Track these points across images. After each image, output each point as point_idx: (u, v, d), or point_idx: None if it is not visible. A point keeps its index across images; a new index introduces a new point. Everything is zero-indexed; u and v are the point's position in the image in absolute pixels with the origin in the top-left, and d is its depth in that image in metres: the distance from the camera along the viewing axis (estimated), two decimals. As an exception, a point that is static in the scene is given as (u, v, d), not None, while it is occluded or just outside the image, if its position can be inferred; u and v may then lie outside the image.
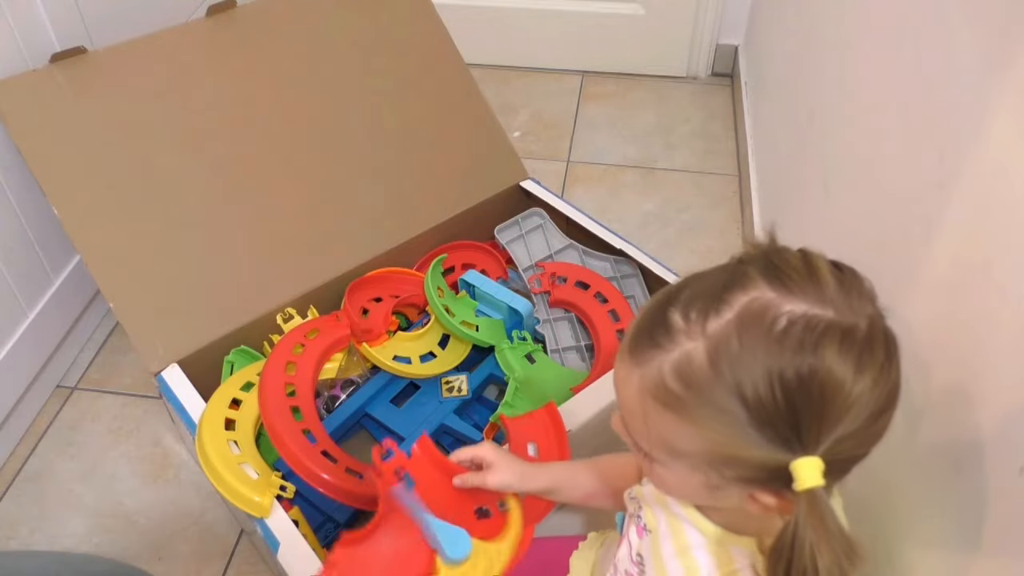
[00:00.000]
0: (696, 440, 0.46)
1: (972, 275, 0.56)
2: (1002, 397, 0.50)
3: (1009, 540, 0.48)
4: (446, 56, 1.27)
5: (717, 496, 0.50)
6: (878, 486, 0.69)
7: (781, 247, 0.49)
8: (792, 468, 0.44)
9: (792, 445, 0.44)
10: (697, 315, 0.46)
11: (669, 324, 0.47)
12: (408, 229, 1.18)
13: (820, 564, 0.43)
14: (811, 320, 0.44)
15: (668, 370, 0.46)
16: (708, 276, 0.49)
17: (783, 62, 1.38)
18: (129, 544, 1.04)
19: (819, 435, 0.43)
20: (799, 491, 0.43)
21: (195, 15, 1.37)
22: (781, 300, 0.45)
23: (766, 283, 0.45)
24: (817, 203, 1.01)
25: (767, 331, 0.44)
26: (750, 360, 0.44)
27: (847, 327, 0.44)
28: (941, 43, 0.66)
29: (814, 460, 0.43)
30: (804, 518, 0.43)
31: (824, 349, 0.43)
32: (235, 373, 1.00)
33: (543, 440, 0.83)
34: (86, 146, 1.00)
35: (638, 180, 1.64)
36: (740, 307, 0.45)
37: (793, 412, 0.43)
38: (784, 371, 0.43)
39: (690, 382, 0.45)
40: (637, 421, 0.50)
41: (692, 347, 0.45)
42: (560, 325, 1.15)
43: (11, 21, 1.02)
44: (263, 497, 0.81)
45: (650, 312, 0.50)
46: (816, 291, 0.45)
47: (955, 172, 0.60)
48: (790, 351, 0.43)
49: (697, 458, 0.48)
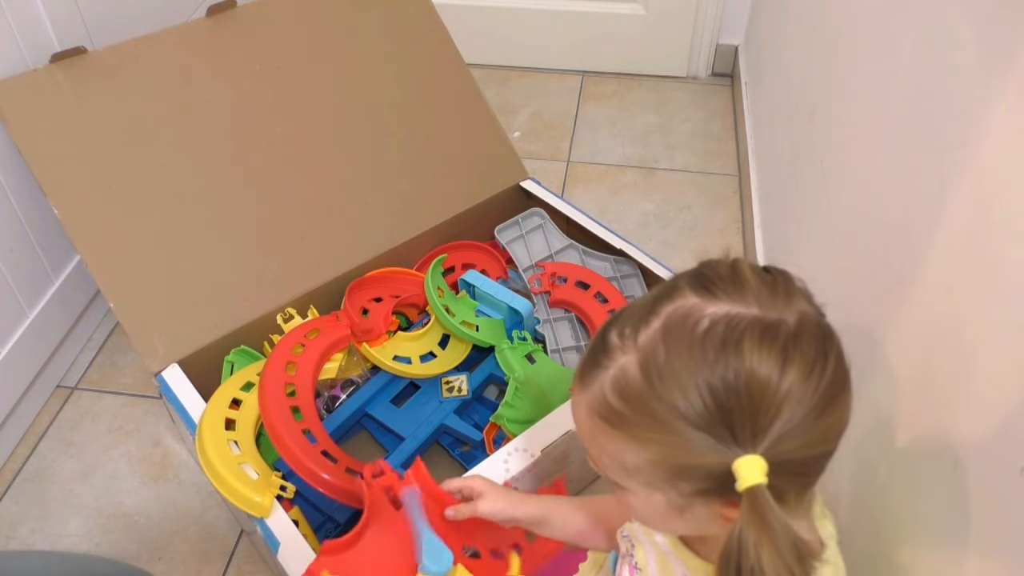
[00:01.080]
0: (643, 453, 0.46)
1: (972, 275, 0.56)
2: (1002, 397, 0.50)
3: (1009, 540, 0.48)
4: (446, 56, 1.27)
5: (688, 518, 0.49)
6: (878, 486, 0.69)
7: (715, 260, 0.49)
8: (733, 468, 0.43)
9: (730, 446, 0.43)
10: (630, 330, 0.47)
11: (608, 343, 0.48)
12: (408, 229, 1.18)
13: (766, 565, 0.42)
14: (732, 319, 0.44)
15: (608, 387, 0.47)
16: (645, 295, 0.50)
17: (783, 62, 1.38)
18: (129, 544, 1.04)
19: (754, 433, 0.43)
20: (741, 491, 0.43)
21: (195, 15, 1.37)
22: (704, 304, 0.45)
23: (691, 291, 0.46)
24: (817, 203, 1.01)
25: (689, 334, 0.44)
26: (677, 365, 0.44)
27: (770, 323, 0.44)
28: (941, 43, 0.66)
29: (754, 458, 0.43)
30: (746, 517, 0.43)
31: (744, 345, 0.43)
32: (235, 373, 1.00)
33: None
34: (86, 146, 1.00)
35: (638, 180, 1.64)
36: (665, 315, 0.46)
37: (725, 412, 0.43)
38: (709, 373, 0.43)
39: (627, 395, 0.46)
40: (592, 446, 0.50)
41: (625, 361, 0.46)
42: (560, 325, 1.15)
43: (11, 21, 1.01)
44: (263, 497, 0.81)
45: (595, 338, 0.50)
46: (739, 293, 0.45)
47: (955, 172, 0.60)
48: (713, 351, 0.44)
49: (649, 474, 0.47)
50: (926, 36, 0.70)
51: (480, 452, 1.02)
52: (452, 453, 1.08)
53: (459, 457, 1.07)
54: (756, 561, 0.42)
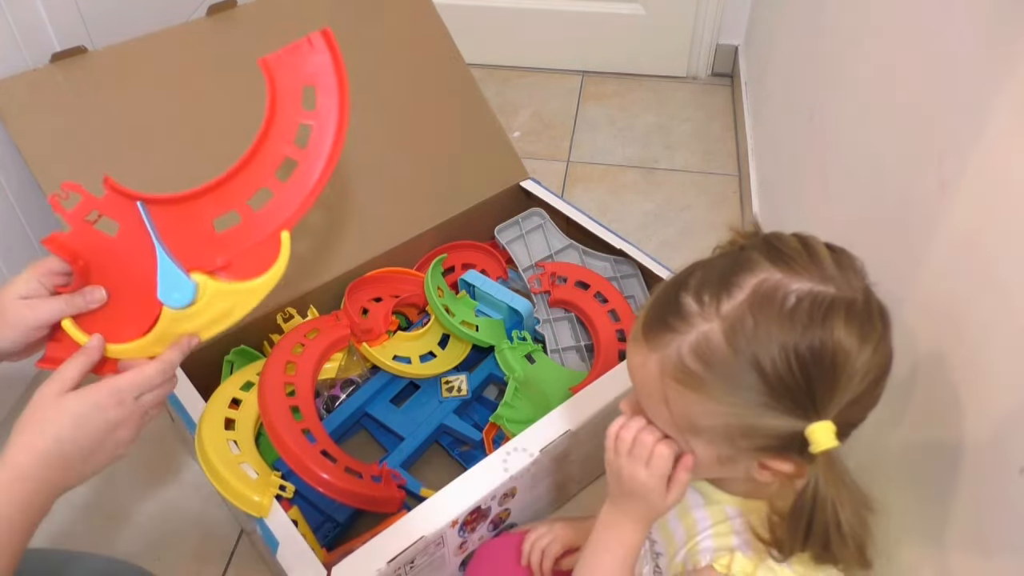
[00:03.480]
0: (717, 415, 0.50)
1: (972, 275, 0.56)
2: (1002, 397, 0.50)
3: (1009, 540, 0.48)
4: (446, 56, 1.27)
5: (726, 468, 0.53)
6: (878, 486, 0.69)
7: (776, 232, 0.52)
8: (808, 433, 0.47)
9: (808, 412, 0.47)
10: (710, 298, 0.49)
11: (683, 308, 0.50)
12: (408, 229, 1.18)
13: (842, 517, 0.47)
14: (817, 297, 0.48)
15: (687, 351, 0.49)
16: (713, 262, 0.52)
17: (783, 62, 1.38)
18: (129, 544, 1.04)
19: (831, 401, 0.47)
20: (817, 453, 0.47)
21: (195, 15, 1.37)
22: (788, 280, 0.48)
23: (771, 265, 0.49)
24: (817, 203, 1.01)
25: (779, 309, 0.47)
26: (765, 336, 0.47)
27: (849, 301, 0.48)
28: (942, 43, 0.66)
29: (828, 424, 0.47)
30: (824, 477, 0.47)
31: (832, 322, 0.47)
32: (235, 373, 1.00)
33: (321, 79, 0.66)
34: (86, 146, 1.00)
35: (638, 180, 1.64)
36: (751, 288, 0.49)
37: (808, 381, 0.47)
38: (798, 345, 0.47)
39: (709, 361, 0.48)
40: (657, 404, 0.52)
41: (708, 328, 0.49)
42: (560, 325, 1.15)
43: (11, 21, 1.01)
44: (262, 497, 0.81)
45: (660, 299, 0.53)
46: (818, 270, 0.49)
47: (955, 172, 0.60)
48: (801, 326, 0.47)
49: (716, 432, 0.51)
50: (926, 35, 0.70)
51: (480, 452, 1.02)
52: (452, 453, 1.08)
53: (459, 457, 1.07)
54: (832, 515, 0.47)
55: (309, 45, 0.64)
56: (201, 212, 0.64)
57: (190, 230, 0.62)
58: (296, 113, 0.63)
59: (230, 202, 0.64)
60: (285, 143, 0.64)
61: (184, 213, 0.64)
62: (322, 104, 0.63)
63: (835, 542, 0.47)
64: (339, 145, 0.63)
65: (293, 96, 0.63)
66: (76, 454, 0.56)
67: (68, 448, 0.55)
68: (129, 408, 0.58)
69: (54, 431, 0.55)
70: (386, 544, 0.78)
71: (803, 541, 0.49)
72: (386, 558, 0.76)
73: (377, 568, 0.76)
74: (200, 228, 0.63)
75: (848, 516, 0.47)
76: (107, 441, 0.58)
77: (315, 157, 0.63)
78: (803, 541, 0.49)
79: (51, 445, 0.55)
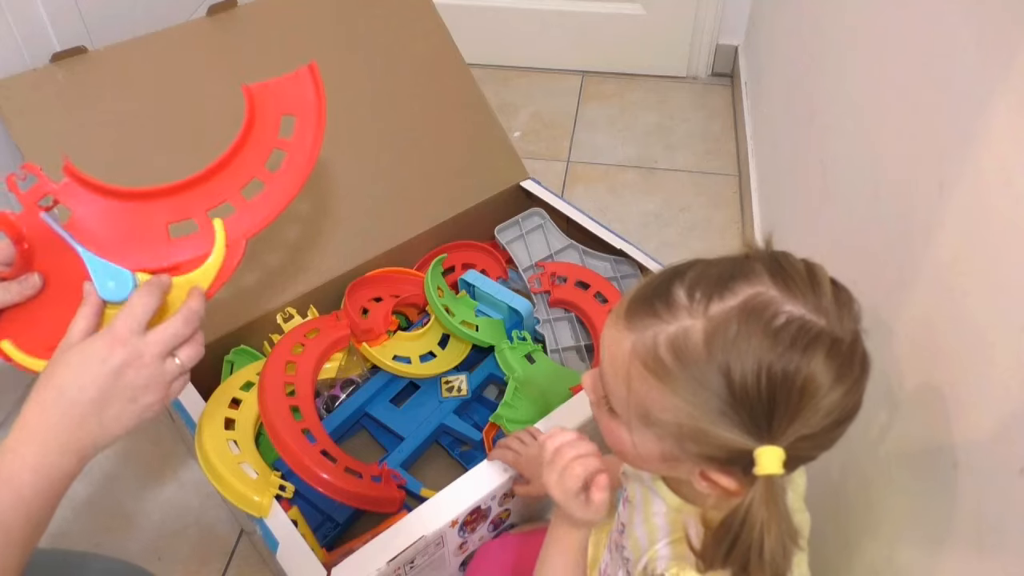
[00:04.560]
0: (673, 411, 0.49)
1: (972, 275, 0.56)
2: (1002, 397, 0.50)
3: (1009, 540, 0.48)
4: (446, 56, 1.27)
5: (667, 466, 0.53)
6: (878, 486, 0.69)
7: (786, 252, 0.51)
8: (756, 454, 0.47)
9: (761, 433, 0.47)
10: (702, 296, 0.49)
11: (672, 298, 0.50)
12: (408, 229, 1.18)
13: (766, 543, 0.46)
14: (806, 324, 0.47)
15: (663, 340, 0.49)
16: (715, 262, 0.52)
17: (783, 62, 1.38)
18: (129, 544, 1.04)
19: (787, 429, 0.47)
20: (759, 475, 0.47)
21: (195, 15, 1.37)
22: (783, 299, 0.48)
23: (771, 280, 0.48)
24: (817, 203, 1.00)
25: (765, 324, 0.47)
26: (744, 347, 0.46)
27: (836, 338, 0.47)
28: (941, 43, 0.66)
29: (778, 450, 0.47)
30: (759, 500, 0.47)
31: (813, 353, 0.46)
32: (235, 373, 1.00)
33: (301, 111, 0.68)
34: (86, 146, 1.00)
35: (638, 180, 1.64)
36: (744, 297, 0.48)
37: (772, 403, 0.46)
38: (772, 364, 0.46)
39: (682, 355, 0.48)
40: (619, 383, 0.52)
41: (691, 324, 0.48)
42: (560, 325, 1.15)
43: (11, 21, 1.01)
44: (262, 497, 0.81)
45: (653, 283, 0.52)
46: (814, 298, 0.48)
47: (955, 172, 0.60)
48: (782, 347, 0.46)
49: (667, 428, 0.50)
50: (926, 36, 0.70)
51: (480, 452, 1.02)
52: (452, 453, 1.08)
53: (459, 457, 1.07)
54: (758, 538, 0.46)
55: (295, 78, 0.67)
56: (156, 213, 0.64)
57: (141, 228, 0.62)
58: (272, 139, 0.66)
59: (189, 210, 0.64)
60: (256, 165, 0.66)
61: (139, 210, 0.64)
62: (299, 134, 0.65)
63: (754, 566, 0.47)
64: (307, 173, 0.66)
65: (272, 122, 0.66)
66: (86, 404, 0.54)
67: (74, 396, 0.54)
68: (134, 349, 0.56)
69: (56, 382, 0.54)
70: (386, 544, 0.78)
71: (724, 557, 0.49)
72: (386, 558, 0.76)
73: (377, 568, 0.76)
74: (152, 229, 0.63)
75: (772, 543, 0.46)
76: (117, 389, 0.55)
77: (283, 182, 0.65)
78: (724, 557, 0.49)
79: (54, 395, 0.54)
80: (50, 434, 0.54)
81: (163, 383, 0.57)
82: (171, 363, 0.58)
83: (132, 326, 0.56)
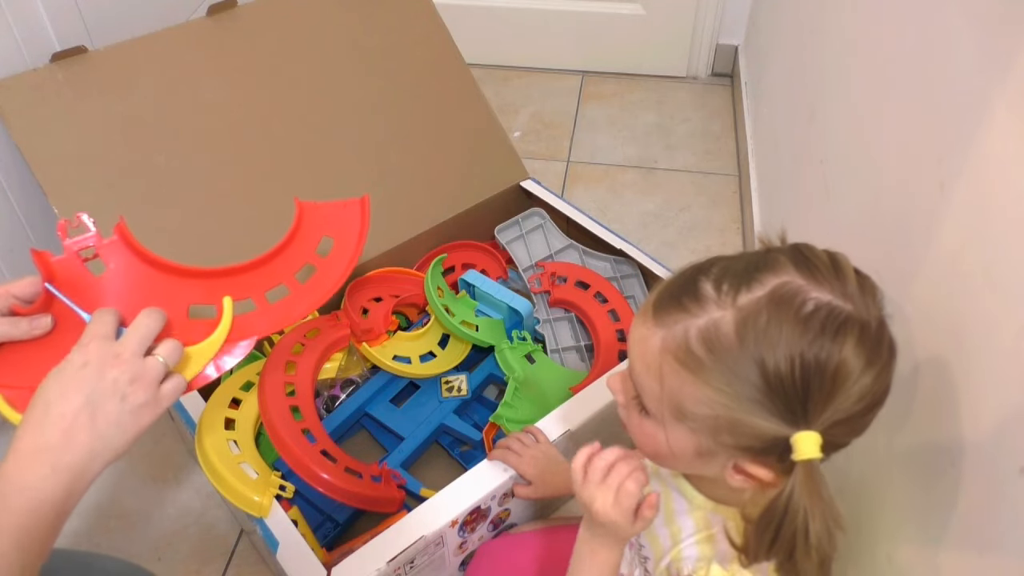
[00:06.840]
0: (707, 403, 0.49)
1: (972, 275, 0.56)
2: (1002, 397, 0.50)
3: (1009, 540, 0.48)
4: (446, 56, 1.27)
5: (703, 463, 0.53)
6: (878, 486, 0.69)
7: (809, 244, 0.52)
8: (794, 440, 0.47)
9: (797, 419, 0.47)
10: (729, 287, 0.49)
11: (699, 292, 0.50)
12: (408, 229, 1.18)
13: (811, 528, 0.47)
14: (834, 310, 0.48)
15: (694, 333, 0.49)
16: (737, 257, 0.52)
17: (783, 62, 1.38)
18: (129, 544, 1.04)
19: (822, 414, 0.47)
20: (798, 461, 0.47)
21: (195, 15, 1.37)
22: (809, 287, 0.48)
23: (796, 270, 0.49)
24: (817, 203, 1.00)
25: (795, 312, 0.47)
26: (775, 336, 0.47)
27: (863, 323, 0.48)
28: (941, 43, 0.66)
29: (814, 435, 0.47)
30: (800, 486, 0.47)
31: (844, 338, 0.47)
32: (235, 373, 1.00)
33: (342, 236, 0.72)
34: (86, 146, 1.00)
35: (638, 180, 1.64)
36: (772, 287, 0.49)
37: (806, 389, 0.47)
38: (805, 352, 0.46)
39: (714, 347, 0.48)
40: (651, 380, 0.52)
41: (720, 316, 0.49)
42: (560, 325, 1.15)
43: (11, 21, 1.01)
44: (262, 497, 0.81)
45: (678, 280, 0.53)
46: (840, 285, 0.49)
47: (955, 172, 0.60)
48: (812, 334, 0.47)
49: (701, 422, 0.50)
50: (926, 36, 0.70)
51: (480, 452, 1.02)
52: (452, 453, 1.08)
53: (459, 457, 1.07)
54: (803, 524, 0.47)
55: (345, 207, 0.72)
56: (184, 291, 0.65)
57: (165, 301, 0.62)
58: (308, 253, 0.70)
59: (214, 296, 0.65)
60: (287, 272, 0.70)
61: (169, 283, 0.65)
62: (334, 255, 0.71)
63: (800, 552, 0.47)
64: (332, 292, 0.69)
65: (313, 238, 0.71)
66: (74, 414, 0.53)
67: (61, 409, 0.53)
68: (110, 350, 0.55)
69: (42, 399, 0.53)
70: (386, 544, 0.78)
71: (769, 548, 0.49)
72: (386, 558, 0.76)
73: (377, 568, 0.76)
74: (175, 305, 0.63)
75: (818, 528, 0.47)
76: (102, 388, 0.54)
77: (307, 294, 0.69)
78: (769, 548, 0.49)
79: (40, 413, 0.53)
80: (40, 453, 0.52)
81: (149, 380, 0.57)
82: (153, 360, 0.57)
83: (101, 332, 0.56)
